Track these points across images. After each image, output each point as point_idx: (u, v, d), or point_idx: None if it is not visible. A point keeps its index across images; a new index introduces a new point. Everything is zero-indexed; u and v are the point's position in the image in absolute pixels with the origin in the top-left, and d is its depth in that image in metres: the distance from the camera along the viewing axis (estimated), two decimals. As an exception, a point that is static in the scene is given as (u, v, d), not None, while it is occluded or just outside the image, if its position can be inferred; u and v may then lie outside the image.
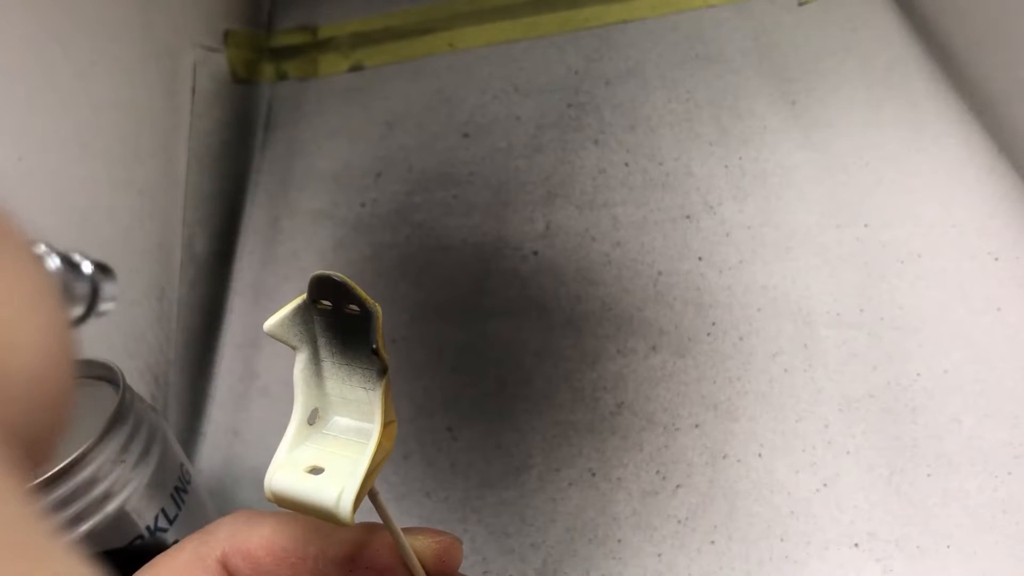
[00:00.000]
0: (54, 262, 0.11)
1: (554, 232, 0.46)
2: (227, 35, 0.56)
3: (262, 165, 0.56)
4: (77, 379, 0.30)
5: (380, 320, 0.18)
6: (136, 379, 0.41)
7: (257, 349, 0.48)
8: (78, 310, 0.12)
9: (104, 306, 0.12)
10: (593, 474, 0.38)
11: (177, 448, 0.32)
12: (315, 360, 0.20)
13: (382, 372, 0.19)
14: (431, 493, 0.40)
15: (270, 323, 0.19)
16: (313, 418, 0.20)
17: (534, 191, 0.48)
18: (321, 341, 0.20)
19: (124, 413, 0.28)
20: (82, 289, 0.12)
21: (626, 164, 0.47)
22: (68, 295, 0.12)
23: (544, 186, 0.48)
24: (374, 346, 0.18)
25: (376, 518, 0.21)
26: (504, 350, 0.43)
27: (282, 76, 0.60)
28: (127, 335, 0.41)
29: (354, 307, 0.18)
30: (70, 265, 0.12)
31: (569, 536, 0.37)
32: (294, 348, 0.20)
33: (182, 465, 0.31)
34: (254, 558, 0.21)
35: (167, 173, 0.47)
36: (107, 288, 0.12)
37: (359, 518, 0.20)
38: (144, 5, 0.46)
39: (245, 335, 0.49)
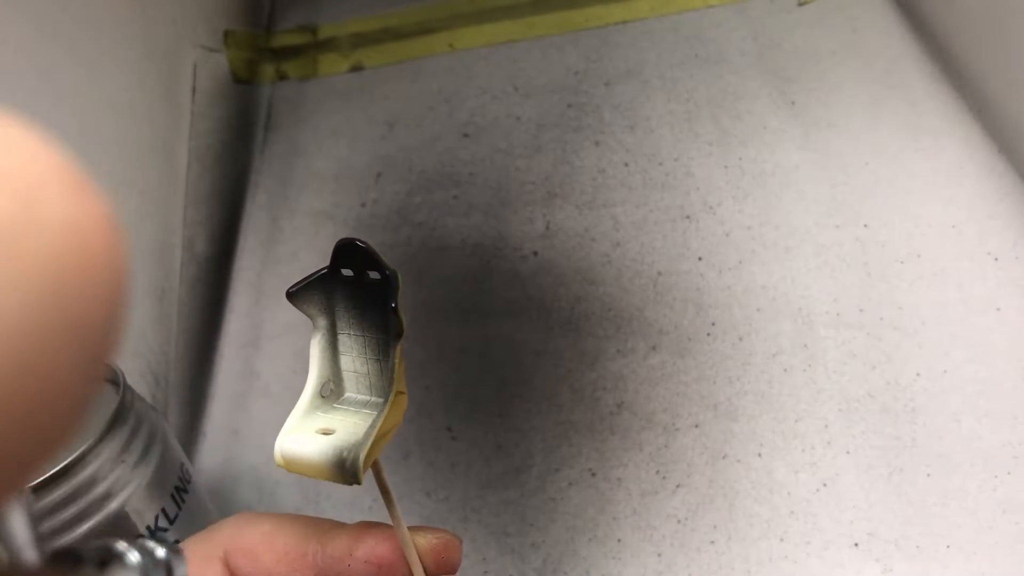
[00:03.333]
0: (134, 556, 0.13)
1: (554, 232, 0.46)
2: (227, 35, 0.56)
3: (262, 165, 0.56)
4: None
5: (399, 285, 0.19)
6: (136, 379, 0.41)
7: (257, 349, 0.48)
8: None
9: None
10: (593, 474, 0.38)
11: (177, 448, 0.32)
12: (332, 332, 0.20)
13: (398, 335, 0.19)
14: (431, 493, 0.40)
15: (292, 289, 0.20)
16: (326, 391, 0.21)
17: (534, 191, 0.48)
18: (339, 312, 0.20)
19: (124, 413, 0.28)
20: (157, 572, 0.14)
21: (626, 164, 0.47)
22: None
23: (544, 186, 0.48)
24: (393, 304, 0.18)
25: (375, 516, 0.21)
26: (504, 350, 0.43)
27: (282, 76, 0.60)
28: (127, 335, 0.41)
29: (375, 274, 0.19)
30: (146, 553, 0.13)
31: (569, 536, 0.37)
32: (312, 319, 0.20)
33: (182, 465, 0.31)
34: (255, 555, 0.21)
35: (167, 173, 0.47)
36: (179, 569, 0.14)
37: (362, 515, 0.20)
38: (144, 5, 0.46)
39: (245, 335, 0.49)
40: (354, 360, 0.20)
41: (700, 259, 0.43)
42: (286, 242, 0.51)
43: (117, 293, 0.07)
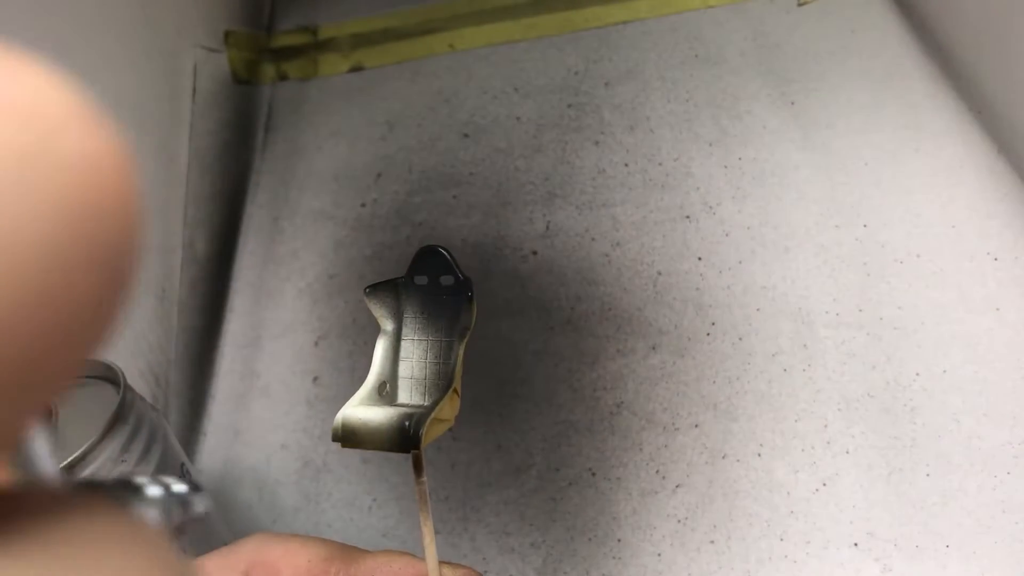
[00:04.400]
0: (155, 490, 0.14)
1: (554, 232, 0.46)
2: (228, 36, 0.56)
3: (262, 165, 0.56)
4: (77, 379, 0.31)
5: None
6: (137, 379, 0.41)
7: (258, 349, 0.48)
8: (174, 525, 0.14)
9: (194, 518, 0.15)
10: (593, 474, 0.38)
11: (178, 448, 0.32)
12: (396, 338, 0.22)
13: (466, 328, 0.21)
14: (431, 493, 0.40)
15: (372, 286, 0.21)
16: (382, 391, 0.22)
17: (534, 191, 0.48)
18: (407, 318, 0.22)
19: (125, 413, 0.28)
20: (176, 506, 0.14)
21: (626, 164, 0.48)
22: (166, 515, 0.14)
23: (544, 186, 0.48)
24: (470, 293, 0.20)
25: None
26: (504, 350, 0.43)
27: (282, 77, 0.60)
28: (128, 335, 0.41)
29: (447, 279, 0.21)
30: (166, 487, 0.14)
31: (569, 536, 0.37)
32: (381, 321, 0.22)
33: (183, 465, 0.31)
34: (276, 570, 0.21)
35: (168, 173, 0.47)
36: (198, 504, 0.15)
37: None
38: (145, 6, 0.46)
39: (246, 335, 0.49)
40: (412, 366, 0.22)
41: (700, 259, 0.43)
42: (286, 242, 0.51)
43: (134, 225, 0.08)
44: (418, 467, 0.21)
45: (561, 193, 0.47)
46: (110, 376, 0.30)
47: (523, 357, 0.42)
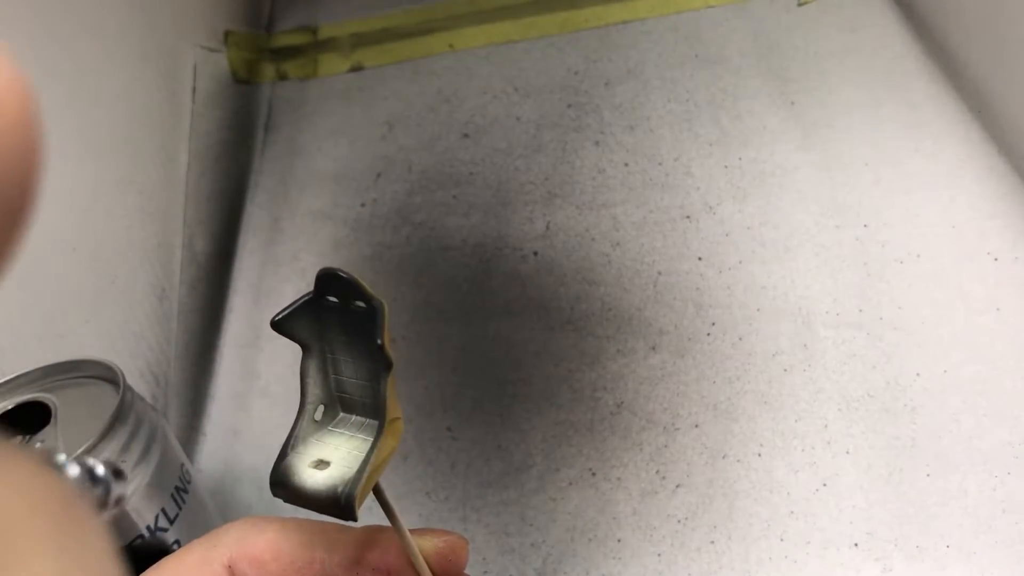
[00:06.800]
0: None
1: (554, 232, 0.46)
2: (227, 35, 0.56)
3: (262, 165, 0.56)
4: (77, 379, 0.31)
5: (386, 316, 0.18)
6: (136, 379, 0.41)
7: (257, 349, 0.48)
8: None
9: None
10: (593, 474, 0.38)
11: (177, 448, 0.32)
12: (323, 356, 0.20)
13: (387, 368, 0.18)
14: (431, 493, 0.40)
15: (277, 318, 0.19)
16: (319, 414, 0.20)
17: (534, 191, 0.48)
18: (329, 337, 0.19)
19: (124, 413, 0.28)
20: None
21: (626, 164, 0.48)
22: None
23: (544, 186, 0.48)
24: (379, 342, 0.18)
25: (383, 520, 0.21)
26: (504, 350, 0.43)
27: (282, 76, 0.60)
28: (127, 335, 0.41)
29: (360, 303, 0.18)
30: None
31: (569, 536, 0.37)
32: (302, 344, 0.20)
33: (182, 465, 0.31)
34: (260, 562, 0.21)
35: (167, 173, 0.47)
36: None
37: (366, 520, 0.20)
38: (144, 6, 0.46)
39: (245, 335, 0.49)
40: (347, 383, 0.20)
41: (700, 259, 0.43)
42: (286, 242, 0.51)
43: (32, 152, 0.08)
44: (379, 498, 0.20)
45: (561, 193, 0.47)
46: (110, 376, 0.30)
47: (523, 357, 0.42)
